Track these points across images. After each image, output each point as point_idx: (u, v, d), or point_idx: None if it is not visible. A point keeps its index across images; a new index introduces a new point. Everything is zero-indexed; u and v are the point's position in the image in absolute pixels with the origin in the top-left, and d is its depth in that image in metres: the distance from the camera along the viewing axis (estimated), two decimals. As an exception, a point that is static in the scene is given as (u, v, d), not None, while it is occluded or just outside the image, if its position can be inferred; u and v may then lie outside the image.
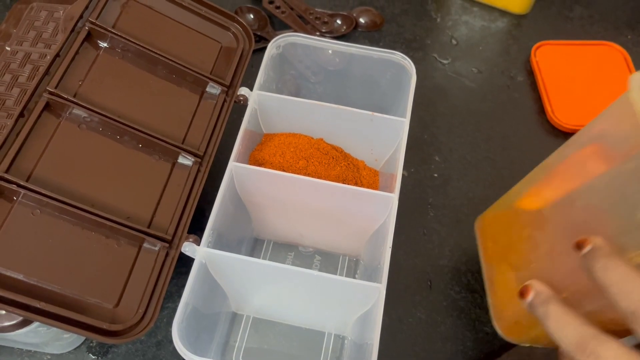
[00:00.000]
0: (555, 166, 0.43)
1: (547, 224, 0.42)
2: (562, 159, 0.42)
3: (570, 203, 0.40)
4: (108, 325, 0.37)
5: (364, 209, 0.46)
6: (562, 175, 0.42)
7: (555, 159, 0.43)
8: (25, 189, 0.39)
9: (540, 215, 0.43)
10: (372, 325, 0.40)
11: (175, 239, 0.42)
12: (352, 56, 0.54)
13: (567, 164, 0.42)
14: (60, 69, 0.43)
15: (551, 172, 0.43)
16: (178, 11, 0.51)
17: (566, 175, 0.41)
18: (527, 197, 0.46)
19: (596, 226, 0.37)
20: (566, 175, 0.41)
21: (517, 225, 0.46)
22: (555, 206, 0.41)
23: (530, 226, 0.44)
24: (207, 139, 0.47)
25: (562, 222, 0.40)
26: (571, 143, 0.41)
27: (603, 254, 0.33)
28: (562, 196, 0.41)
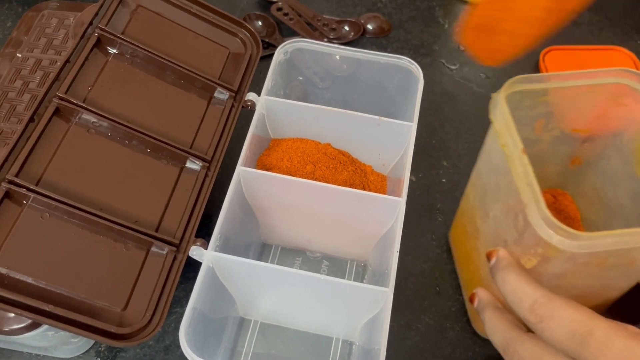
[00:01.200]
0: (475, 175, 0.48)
1: (481, 233, 0.46)
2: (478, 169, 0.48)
3: (486, 214, 0.44)
4: (116, 329, 0.37)
5: (372, 213, 0.46)
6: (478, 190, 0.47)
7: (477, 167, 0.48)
8: (34, 192, 0.39)
9: (476, 226, 0.47)
10: (379, 331, 0.40)
11: (183, 243, 0.43)
12: (359, 61, 0.54)
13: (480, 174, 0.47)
14: (70, 75, 0.44)
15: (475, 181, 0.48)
16: (186, 18, 0.52)
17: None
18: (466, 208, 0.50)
19: (502, 236, 0.40)
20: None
21: (467, 234, 0.50)
22: (480, 217, 0.46)
23: (473, 236, 0.48)
24: (215, 144, 0.47)
25: (486, 232, 0.45)
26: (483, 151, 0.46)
27: (502, 266, 0.37)
28: (481, 208, 0.46)
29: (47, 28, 0.53)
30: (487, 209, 0.44)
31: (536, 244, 0.35)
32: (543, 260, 0.36)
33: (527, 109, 0.42)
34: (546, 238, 0.34)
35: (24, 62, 0.50)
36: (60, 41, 0.52)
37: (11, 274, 0.37)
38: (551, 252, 0.35)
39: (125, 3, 0.49)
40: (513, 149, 0.37)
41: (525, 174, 0.36)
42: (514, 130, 0.37)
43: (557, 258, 0.35)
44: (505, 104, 0.39)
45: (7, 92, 0.49)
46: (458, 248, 0.53)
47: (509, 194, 0.38)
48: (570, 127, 0.46)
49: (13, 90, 0.49)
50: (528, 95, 0.41)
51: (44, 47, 0.51)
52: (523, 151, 0.36)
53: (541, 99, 0.42)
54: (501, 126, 0.39)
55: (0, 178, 0.39)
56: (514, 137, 0.37)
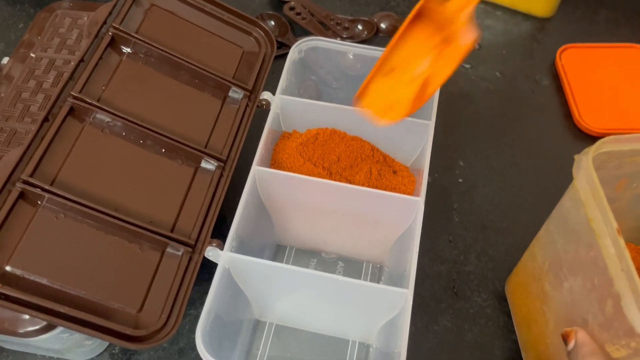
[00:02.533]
0: (543, 238, 0.43)
1: (550, 300, 0.41)
2: (546, 233, 0.43)
3: (559, 283, 0.39)
4: (131, 331, 0.37)
5: (389, 213, 0.45)
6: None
7: (543, 231, 0.43)
8: (49, 193, 0.38)
9: (544, 291, 0.42)
10: (399, 333, 0.39)
11: (199, 243, 0.42)
12: (373, 60, 0.54)
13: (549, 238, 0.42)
14: (84, 74, 0.43)
15: (543, 244, 0.43)
16: (200, 16, 0.51)
17: None
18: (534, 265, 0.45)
19: (582, 314, 0.36)
20: None
21: (531, 295, 0.45)
22: (550, 283, 0.41)
23: (539, 299, 0.43)
24: (229, 144, 0.47)
25: (558, 302, 0.40)
26: (551, 218, 0.42)
27: (585, 353, 0.33)
28: (551, 274, 0.41)
29: (61, 28, 0.52)
30: (562, 278, 0.39)
31: (629, 336, 0.31)
32: (635, 353, 0.31)
33: (611, 169, 0.39)
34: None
35: (37, 62, 0.50)
36: (73, 41, 0.52)
37: (26, 275, 0.37)
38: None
39: (139, 2, 0.49)
40: (604, 227, 0.32)
41: (621, 258, 0.31)
42: (606, 205, 0.33)
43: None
44: (593, 170, 0.34)
45: (21, 92, 0.49)
46: (518, 303, 0.49)
47: (594, 271, 0.34)
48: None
49: (27, 90, 0.49)
50: (615, 155, 0.37)
51: (58, 47, 0.51)
52: (618, 232, 0.31)
53: (629, 160, 0.38)
54: (587, 196, 0.34)
55: (15, 178, 0.38)
56: (607, 214, 0.32)
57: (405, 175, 0.49)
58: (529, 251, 0.46)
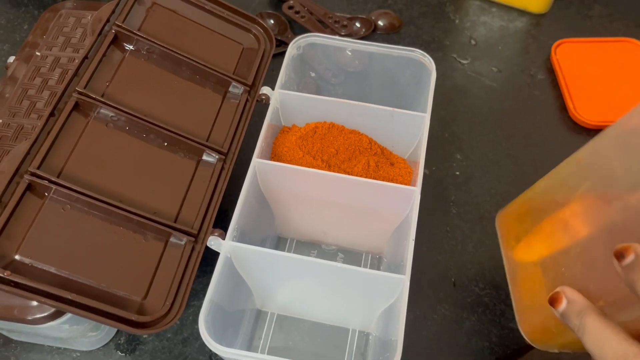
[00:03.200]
0: (587, 159, 0.39)
1: (581, 224, 0.37)
2: (595, 152, 0.38)
3: (608, 202, 0.35)
4: (136, 317, 0.38)
5: (387, 203, 0.46)
6: (597, 169, 0.37)
7: (587, 152, 0.39)
8: (56, 184, 0.40)
9: (572, 213, 0.38)
10: (396, 320, 0.40)
11: (201, 233, 0.43)
12: (371, 56, 0.55)
13: (600, 156, 0.38)
14: (89, 71, 0.45)
15: (583, 166, 0.39)
16: (201, 14, 0.53)
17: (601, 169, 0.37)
18: (557, 192, 0.41)
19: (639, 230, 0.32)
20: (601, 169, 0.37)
21: (544, 223, 0.41)
22: (590, 205, 0.37)
23: (559, 225, 0.39)
24: (230, 137, 0.48)
25: (599, 223, 0.36)
26: (605, 136, 0.38)
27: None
28: (597, 197, 0.36)
29: (65, 27, 0.54)
30: (610, 198, 0.34)
31: None
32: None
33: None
34: None
35: (42, 60, 0.51)
36: (78, 39, 0.53)
37: (34, 264, 0.38)
38: None
39: (141, 1, 0.50)
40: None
41: None
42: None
43: None
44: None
45: (27, 89, 0.50)
46: (515, 236, 0.45)
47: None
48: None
49: (33, 87, 0.50)
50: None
51: (62, 45, 0.52)
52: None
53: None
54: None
55: (23, 171, 0.39)
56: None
57: (402, 167, 0.51)
58: (551, 176, 0.42)
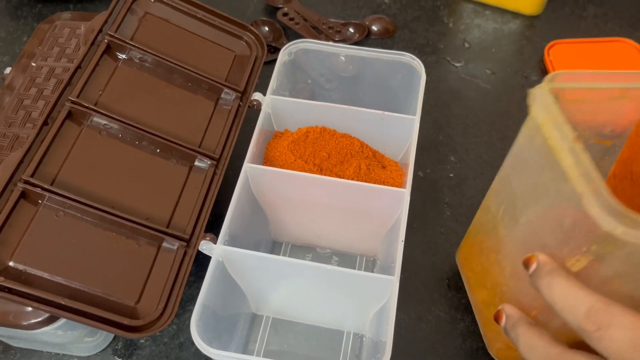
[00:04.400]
0: (497, 186, 0.45)
1: (505, 245, 0.43)
2: (501, 179, 0.45)
3: (516, 221, 0.40)
4: (129, 321, 0.38)
5: (378, 205, 0.47)
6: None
7: (497, 179, 0.45)
8: (49, 192, 0.40)
9: (499, 238, 0.44)
10: (387, 321, 0.40)
11: (193, 238, 0.44)
12: (363, 60, 0.55)
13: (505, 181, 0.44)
14: (82, 80, 0.45)
15: (497, 193, 0.45)
16: (193, 23, 0.53)
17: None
18: (485, 220, 0.46)
19: (540, 241, 0.37)
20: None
21: (485, 251, 0.47)
22: (505, 227, 0.42)
23: (494, 250, 0.45)
24: (222, 143, 0.48)
25: (515, 241, 0.41)
26: (505, 162, 0.44)
27: (546, 271, 0.34)
28: (506, 217, 0.42)
29: (60, 38, 0.55)
30: (517, 216, 0.40)
31: (589, 240, 0.32)
32: (596, 260, 0.32)
33: None
34: (609, 229, 0.30)
35: (38, 70, 0.52)
36: (72, 50, 0.54)
37: (28, 270, 0.38)
38: (608, 248, 0.31)
39: (134, 10, 0.51)
40: (561, 140, 0.34)
41: (578, 163, 0.32)
42: (563, 120, 0.34)
43: (614, 256, 0.31)
44: (550, 95, 0.36)
45: (23, 99, 0.51)
46: (470, 269, 0.51)
47: (552, 192, 0.35)
48: (594, 137, 0.42)
49: (28, 97, 0.51)
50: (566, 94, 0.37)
51: (57, 55, 0.53)
52: (575, 140, 0.33)
53: (575, 100, 0.38)
54: (544, 119, 0.35)
55: (17, 179, 0.40)
56: (563, 126, 0.34)
57: (393, 169, 0.51)
58: (481, 208, 0.48)
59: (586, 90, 0.38)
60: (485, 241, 0.47)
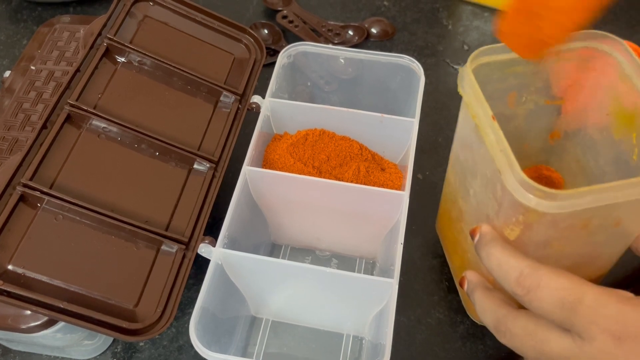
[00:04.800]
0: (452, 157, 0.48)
1: (464, 214, 0.45)
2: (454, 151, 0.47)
3: (467, 192, 0.43)
4: (128, 324, 0.39)
5: (377, 208, 0.47)
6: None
7: (452, 151, 0.47)
8: (48, 195, 0.40)
9: (459, 208, 0.46)
10: (386, 323, 0.40)
11: (192, 241, 0.44)
12: (362, 63, 0.56)
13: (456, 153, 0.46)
14: (81, 83, 0.46)
15: (453, 164, 0.47)
16: (192, 26, 0.53)
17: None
18: (450, 192, 0.49)
19: (484, 211, 0.39)
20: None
21: (452, 220, 0.49)
22: (462, 198, 0.45)
23: (458, 219, 0.47)
24: (221, 146, 0.48)
25: (469, 211, 0.44)
26: (455, 136, 0.45)
27: (486, 241, 0.37)
28: (462, 188, 0.44)
29: (59, 41, 0.55)
30: (468, 187, 0.43)
31: (516, 211, 0.34)
32: (525, 228, 0.35)
33: (497, 81, 0.41)
34: (525, 202, 0.32)
35: (37, 74, 0.53)
36: (71, 53, 0.54)
37: (27, 273, 0.38)
38: (532, 217, 0.33)
39: (133, 14, 0.51)
40: (483, 118, 0.36)
41: (497, 140, 0.34)
42: (482, 98, 0.36)
43: (539, 223, 0.34)
44: (472, 75, 0.37)
45: (22, 102, 0.51)
46: (445, 236, 0.52)
47: (485, 165, 0.37)
48: (543, 99, 0.44)
49: (27, 101, 0.51)
50: (496, 67, 0.40)
51: (57, 59, 0.54)
52: (493, 118, 0.35)
53: (510, 70, 0.40)
54: (470, 98, 0.38)
55: (15, 182, 0.40)
56: (483, 105, 0.36)
57: (393, 172, 0.51)
58: (446, 179, 0.50)
59: (518, 59, 0.39)
60: (451, 210, 0.49)
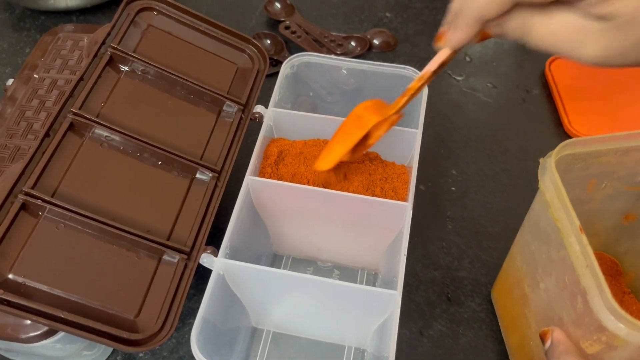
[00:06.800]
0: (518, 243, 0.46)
1: (529, 302, 0.43)
2: (521, 238, 0.45)
3: (537, 284, 0.41)
4: (128, 335, 0.38)
5: (380, 219, 0.46)
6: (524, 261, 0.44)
7: (518, 237, 0.46)
8: (50, 204, 0.40)
9: (524, 293, 0.44)
10: (389, 336, 0.40)
11: (194, 251, 0.43)
12: (365, 73, 0.56)
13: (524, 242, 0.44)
14: (84, 92, 0.45)
15: (519, 249, 0.46)
16: (195, 35, 0.54)
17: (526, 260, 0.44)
18: (513, 268, 0.47)
19: (557, 313, 0.37)
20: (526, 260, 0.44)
21: (514, 299, 0.47)
22: (529, 285, 0.43)
23: (520, 303, 0.45)
24: (224, 155, 0.48)
25: (537, 303, 0.41)
26: (524, 225, 0.45)
27: (560, 351, 0.35)
28: (529, 276, 0.42)
29: (63, 50, 0.55)
30: (538, 279, 0.40)
31: (600, 331, 0.32)
32: (607, 347, 0.33)
33: (579, 170, 0.40)
34: (613, 329, 0.31)
35: (40, 82, 0.52)
36: (75, 62, 0.54)
37: (28, 282, 0.38)
38: (618, 342, 0.31)
39: (137, 23, 0.51)
40: (568, 226, 0.34)
41: (584, 254, 0.32)
42: (568, 205, 0.34)
43: (624, 348, 0.32)
44: (555, 171, 0.36)
45: (25, 111, 0.51)
46: (503, 309, 0.50)
47: (564, 270, 0.35)
48: (624, 185, 0.43)
49: (30, 109, 0.51)
50: (581, 157, 0.39)
51: (60, 67, 0.53)
52: (580, 229, 0.33)
53: (595, 160, 0.39)
54: (552, 196, 0.36)
55: (17, 191, 0.40)
56: (569, 212, 0.34)
57: (396, 182, 0.51)
58: (509, 256, 0.48)
59: (604, 150, 0.38)
60: (513, 290, 0.47)
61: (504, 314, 0.50)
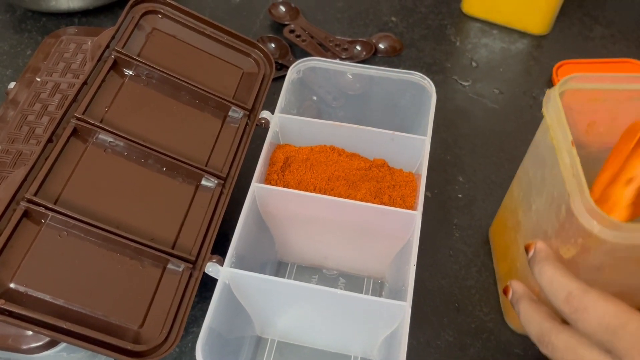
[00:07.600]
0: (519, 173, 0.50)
1: (522, 226, 0.47)
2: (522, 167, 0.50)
3: (529, 207, 0.45)
4: (132, 346, 0.37)
5: (387, 227, 0.46)
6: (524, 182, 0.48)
7: (520, 169, 0.50)
8: (53, 211, 0.39)
9: (518, 219, 0.48)
10: (398, 347, 0.39)
11: (199, 259, 0.43)
12: (371, 79, 0.55)
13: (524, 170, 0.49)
14: (88, 96, 0.45)
15: (518, 180, 0.50)
16: (201, 39, 0.53)
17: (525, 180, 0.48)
18: (510, 203, 0.51)
19: (542, 227, 0.42)
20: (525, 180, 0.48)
21: (508, 228, 0.51)
22: (523, 211, 0.47)
23: (514, 229, 0.49)
24: (229, 162, 0.48)
25: (527, 225, 0.46)
26: (527, 154, 0.49)
27: (540, 257, 0.38)
28: (524, 201, 0.47)
29: (66, 53, 0.54)
30: (531, 202, 0.45)
31: (577, 233, 0.36)
32: (582, 250, 0.37)
33: (578, 109, 0.43)
34: (588, 227, 0.34)
35: (43, 86, 0.52)
36: (78, 65, 0.53)
37: (29, 292, 0.37)
38: (591, 242, 0.35)
39: (141, 26, 0.50)
40: (562, 142, 0.38)
41: (572, 164, 0.36)
42: (565, 123, 0.38)
43: (597, 249, 0.35)
44: (559, 99, 0.40)
45: (27, 115, 0.50)
46: (497, 242, 0.54)
47: (554, 185, 0.39)
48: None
49: (32, 113, 0.50)
50: (582, 95, 0.42)
51: (63, 71, 0.53)
52: (572, 143, 0.37)
53: (594, 99, 0.42)
54: (553, 120, 0.40)
55: (19, 197, 0.39)
56: (565, 130, 0.38)
57: (404, 190, 0.50)
58: (509, 190, 0.52)
59: (605, 91, 0.41)
60: (509, 219, 0.51)
61: (497, 246, 0.54)
